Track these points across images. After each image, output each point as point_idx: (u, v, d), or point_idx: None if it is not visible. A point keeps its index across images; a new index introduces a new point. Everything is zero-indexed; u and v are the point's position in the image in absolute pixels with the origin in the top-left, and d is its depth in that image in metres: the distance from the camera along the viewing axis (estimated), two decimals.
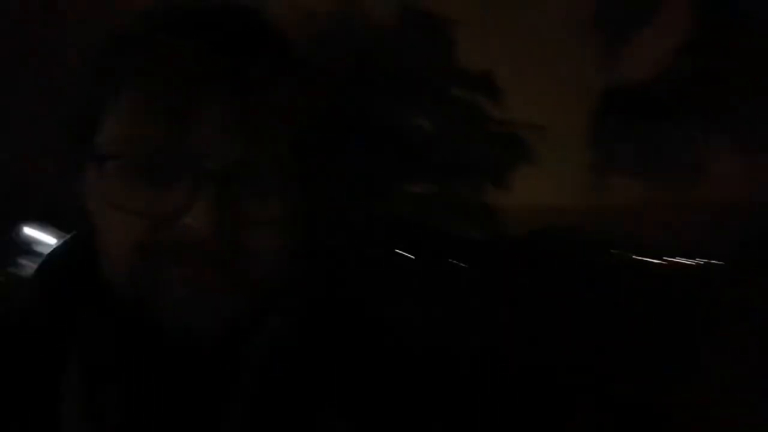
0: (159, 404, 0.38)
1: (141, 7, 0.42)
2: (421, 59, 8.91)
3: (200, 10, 0.40)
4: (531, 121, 8.64)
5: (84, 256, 0.42)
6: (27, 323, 0.41)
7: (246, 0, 0.42)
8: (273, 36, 0.41)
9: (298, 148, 0.39)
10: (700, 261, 6.78)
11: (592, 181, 8.07)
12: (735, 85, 6.41)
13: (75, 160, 0.41)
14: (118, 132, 0.38)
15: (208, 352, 0.39)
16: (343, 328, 0.44)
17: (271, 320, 0.40)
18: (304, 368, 0.40)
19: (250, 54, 0.38)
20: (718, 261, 6.59)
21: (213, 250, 0.36)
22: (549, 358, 3.85)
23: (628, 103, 7.66)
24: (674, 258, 6.82)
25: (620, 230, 7.18)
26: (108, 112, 0.39)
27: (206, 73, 0.37)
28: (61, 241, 0.45)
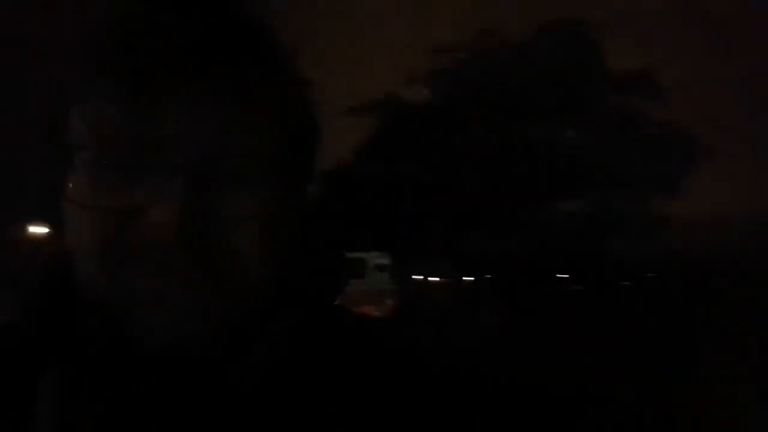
0: (147, 414, 0.37)
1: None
2: (566, 70, 8.44)
3: (180, 3, 0.40)
4: (706, 119, 7.59)
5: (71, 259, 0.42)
6: (16, 327, 0.42)
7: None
8: (254, 32, 0.40)
9: (281, 146, 0.39)
10: None
11: None
12: None
13: (53, 159, 0.41)
14: (86, 125, 0.38)
15: (200, 357, 0.38)
16: (343, 333, 0.44)
17: (270, 325, 0.40)
18: (305, 374, 0.40)
19: (227, 49, 0.38)
20: None
21: (183, 248, 0.35)
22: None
23: None
24: None
25: None
26: (77, 105, 0.38)
27: (179, 65, 0.36)
28: (54, 244, 0.45)
